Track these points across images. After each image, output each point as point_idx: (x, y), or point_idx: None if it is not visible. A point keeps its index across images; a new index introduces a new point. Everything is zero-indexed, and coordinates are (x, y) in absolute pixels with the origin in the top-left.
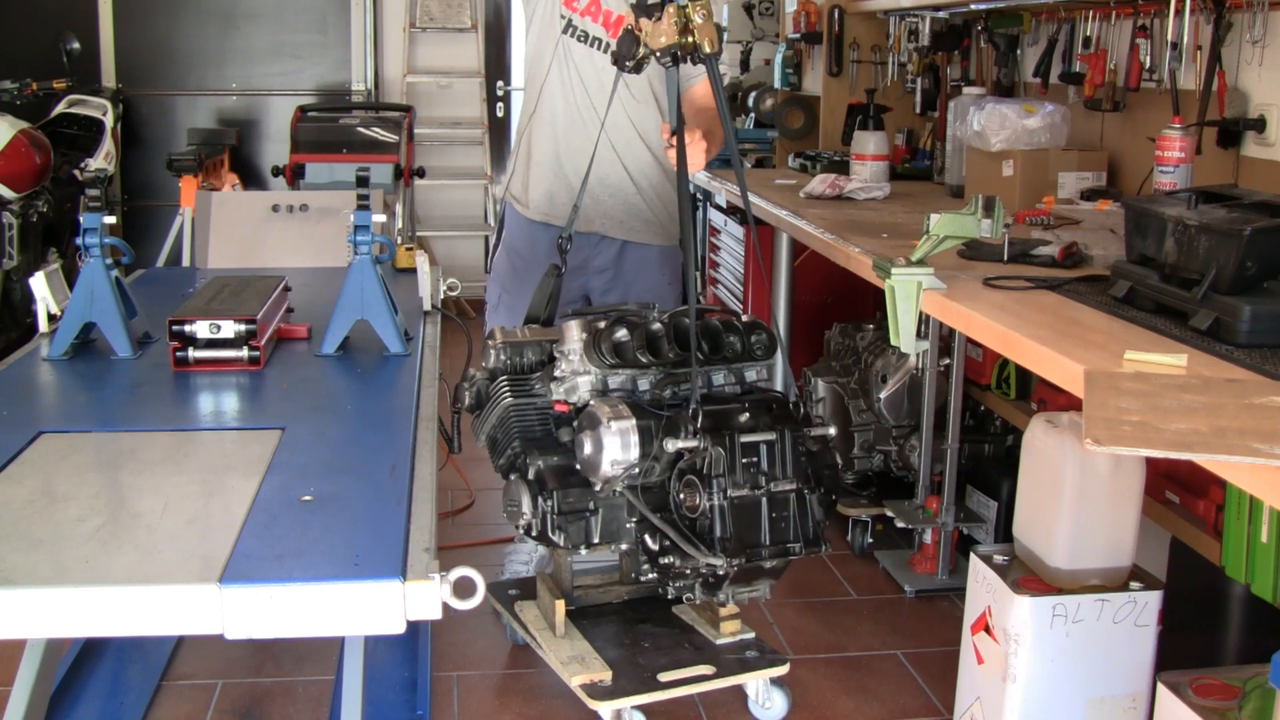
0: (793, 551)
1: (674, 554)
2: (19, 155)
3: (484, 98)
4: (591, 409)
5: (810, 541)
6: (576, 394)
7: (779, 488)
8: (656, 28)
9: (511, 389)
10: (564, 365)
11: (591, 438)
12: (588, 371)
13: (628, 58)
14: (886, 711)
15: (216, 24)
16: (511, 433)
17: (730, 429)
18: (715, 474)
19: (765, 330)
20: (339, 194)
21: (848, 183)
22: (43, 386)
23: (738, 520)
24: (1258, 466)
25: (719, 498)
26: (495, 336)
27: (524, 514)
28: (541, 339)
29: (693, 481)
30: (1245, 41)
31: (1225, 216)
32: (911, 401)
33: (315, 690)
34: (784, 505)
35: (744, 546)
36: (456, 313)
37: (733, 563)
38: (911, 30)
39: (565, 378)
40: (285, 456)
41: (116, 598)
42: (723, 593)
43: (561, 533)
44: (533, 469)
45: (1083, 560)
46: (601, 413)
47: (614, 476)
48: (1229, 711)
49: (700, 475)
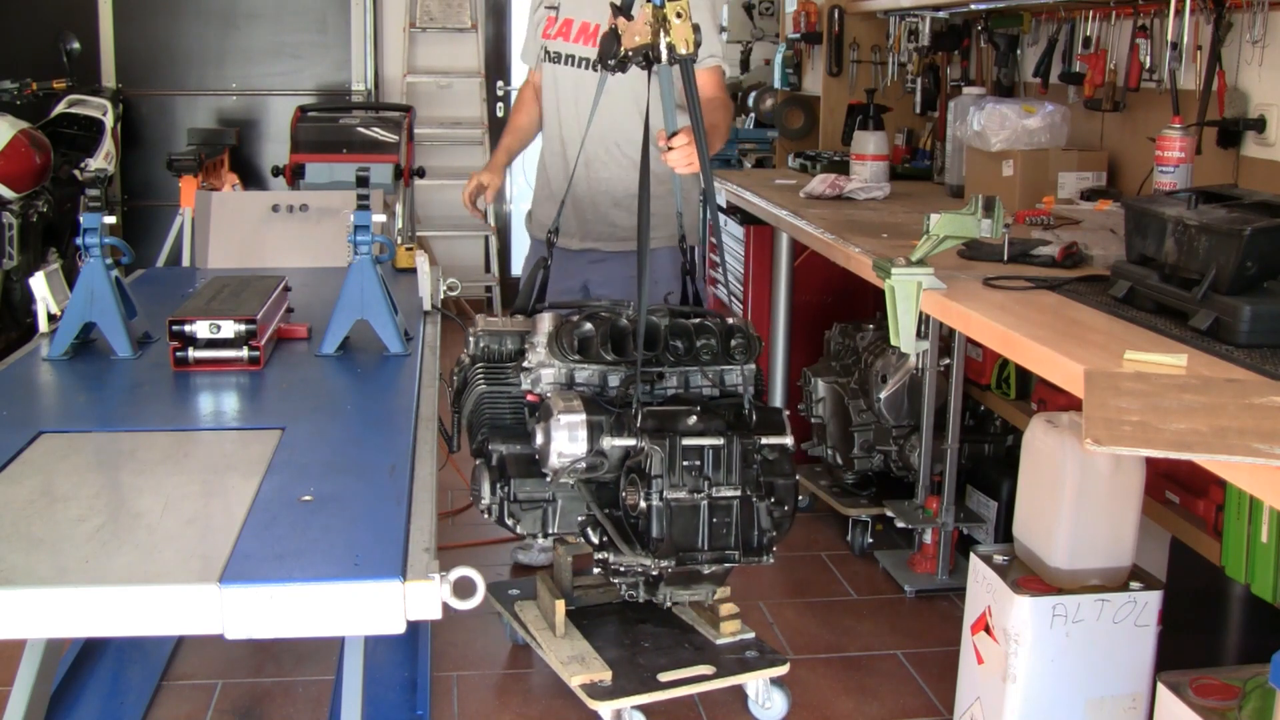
0: (731, 559)
1: (610, 550)
2: (19, 155)
3: (484, 98)
4: (546, 400)
5: (752, 550)
6: (540, 385)
7: (721, 493)
8: (631, 28)
9: (485, 376)
10: (532, 356)
11: (543, 429)
12: (551, 364)
13: (609, 56)
14: (886, 711)
15: (216, 24)
16: (483, 419)
17: (673, 431)
18: (654, 474)
19: (746, 333)
20: (339, 194)
21: (848, 183)
22: (43, 386)
23: (674, 522)
24: (1258, 466)
25: (656, 498)
26: (477, 324)
27: (483, 499)
28: (520, 329)
29: (635, 480)
30: (1245, 41)
31: (1225, 216)
32: (911, 401)
33: (315, 690)
34: (726, 511)
35: (677, 549)
36: (456, 313)
37: (662, 564)
38: (911, 30)
39: (532, 368)
40: (285, 456)
41: (116, 598)
42: (660, 593)
43: (515, 520)
44: (495, 455)
45: (1083, 560)
46: (555, 405)
47: (561, 468)
48: (1229, 711)
49: (642, 475)
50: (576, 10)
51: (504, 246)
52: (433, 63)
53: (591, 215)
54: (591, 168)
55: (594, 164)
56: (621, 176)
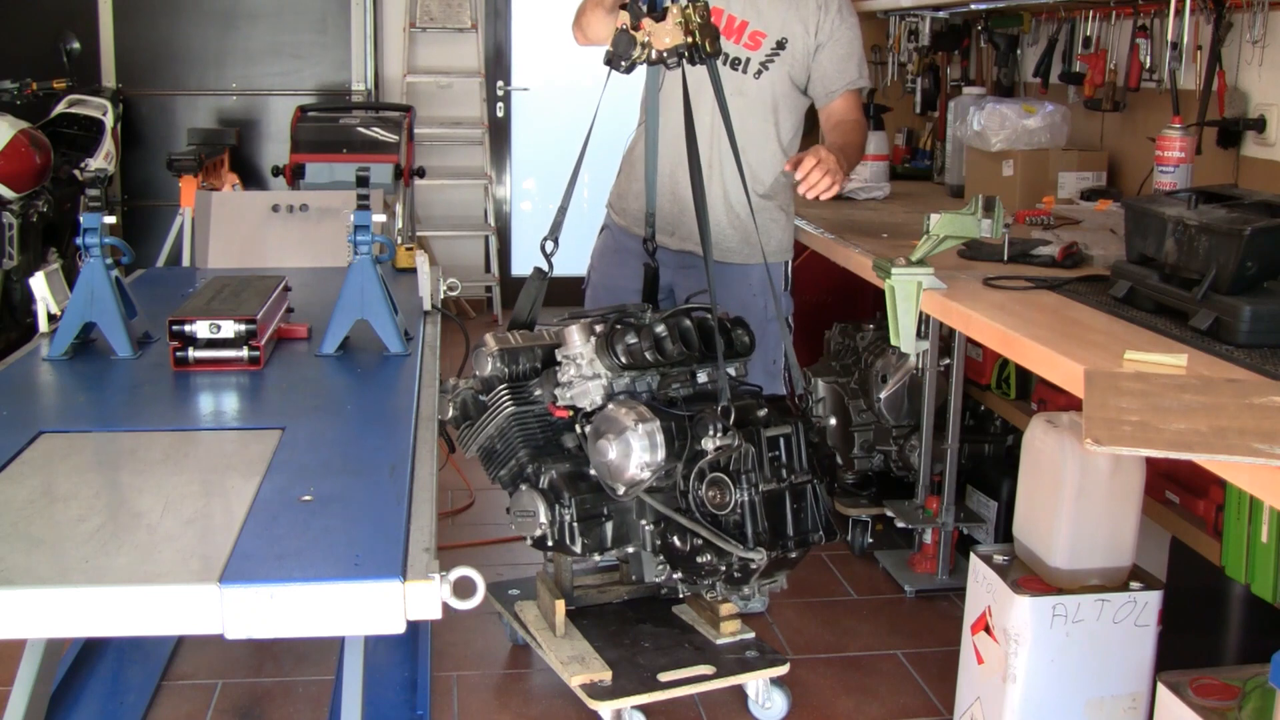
0: (813, 541)
1: (708, 552)
2: (19, 155)
3: (484, 98)
4: (610, 413)
5: (827, 530)
6: (588, 398)
7: (798, 480)
8: (660, 28)
9: (513, 397)
10: (570, 370)
11: (618, 442)
12: (598, 375)
13: (624, 58)
14: (886, 711)
15: (216, 24)
16: (515, 442)
17: (754, 424)
18: (745, 469)
19: (745, 326)
20: (339, 194)
21: (848, 182)
22: (43, 386)
23: (768, 513)
24: (1258, 466)
25: (750, 493)
26: (488, 344)
27: (540, 524)
28: (535, 344)
29: (720, 479)
30: (1245, 41)
31: (1225, 216)
32: (911, 401)
33: (315, 690)
34: (802, 496)
35: (776, 539)
36: (456, 313)
37: (769, 555)
38: (911, 30)
39: (574, 383)
40: (285, 456)
41: (116, 598)
42: (749, 586)
43: (581, 539)
44: (545, 478)
45: (1083, 560)
46: (625, 416)
47: (641, 480)
48: (1229, 711)
49: (727, 472)
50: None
51: (504, 246)
52: (433, 63)
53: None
54: (713, 169)
55: (716, 167)
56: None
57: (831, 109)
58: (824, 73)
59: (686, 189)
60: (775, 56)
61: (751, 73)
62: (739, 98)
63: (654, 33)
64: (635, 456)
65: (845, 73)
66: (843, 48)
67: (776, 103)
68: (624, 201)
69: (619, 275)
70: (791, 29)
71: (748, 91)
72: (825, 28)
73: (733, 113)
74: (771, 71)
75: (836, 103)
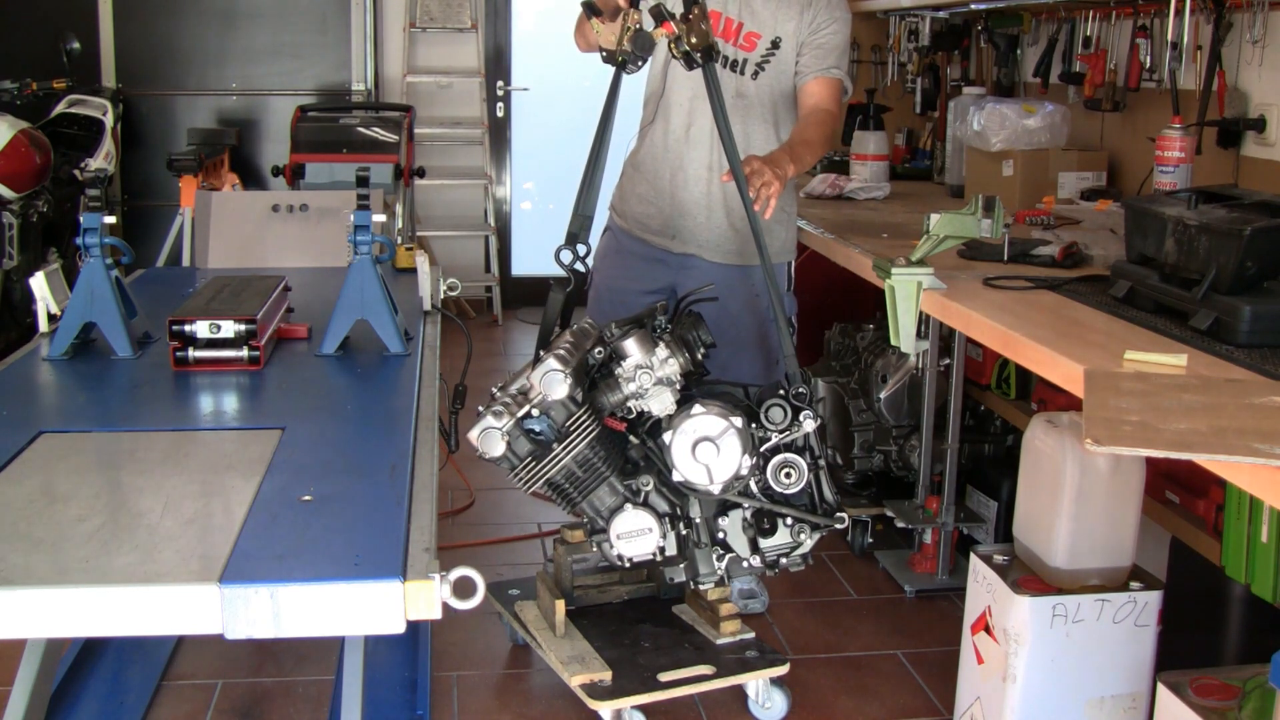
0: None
1: (800, 528)
2: (19, 155)
3: (484, 98)
4: (701, 416)
5: None
6: (662, 405)
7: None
8: (687, 29)
9: (595, 417)
10: (646, 379)
11: (723, 442)
12: (671, 381)
13: (642, 58)
14: (886, 711)
15: (216, 24)
16: (601, 466)
17: None
18: (810, 445)
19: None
20: (339, 194)
21: (848, 182)
22: (43, 386)
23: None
24: (1258, 466)
25: (823, 465)
26: (555, 365)
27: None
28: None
29: (793, 459)
30: (1245, 41)
31: (1225, 216)
32: (911, 401)
33: (315, 690)
34: (832, 469)
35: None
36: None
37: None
38: (911, 30)
39: (649, 391)
40: (285, 456)
41: (116, 598)
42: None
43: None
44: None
45: (1083, 560)
46: (720, 416)
47: (744, 475)
48: (1229, 711)
49: (800, 451)
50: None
51: (504, 246)
52: (433, 63)
53: (705, 221)
54: (714, 171)
55: (718, 169)
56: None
57: (804, 95)
58: (804, 60)
59: (687, 192)
60: (771, 57)
61: (749, 74)
62: (739, 99)
63: (683, 34)
64: (740, 454)
65: (822, 60)
66: (825, 39)
67: (776, 103)
68: (626, 204)
69: (622, 277)
70: (784, 28)
71: (747, 93)
72: (813, 21)
73: (733, 114)
74: (768, 72)
75: (809, 85)
